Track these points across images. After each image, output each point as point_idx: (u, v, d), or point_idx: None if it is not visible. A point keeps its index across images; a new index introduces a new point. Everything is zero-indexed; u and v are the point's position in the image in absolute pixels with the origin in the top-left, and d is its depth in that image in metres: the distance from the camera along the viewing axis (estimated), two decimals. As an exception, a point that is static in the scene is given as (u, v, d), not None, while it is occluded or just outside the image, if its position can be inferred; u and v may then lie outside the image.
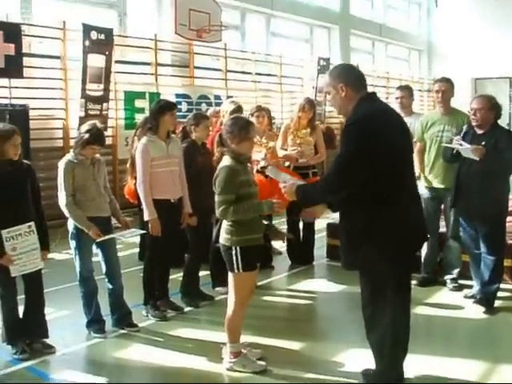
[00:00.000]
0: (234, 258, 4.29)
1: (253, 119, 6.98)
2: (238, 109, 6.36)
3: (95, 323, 5.04)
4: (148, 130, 5.39)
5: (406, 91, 6.92)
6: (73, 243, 4.94)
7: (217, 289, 6.20)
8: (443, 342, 5.06)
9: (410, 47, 22.21)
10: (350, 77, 3.72)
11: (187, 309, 5.72)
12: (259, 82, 14.48)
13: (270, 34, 15.58)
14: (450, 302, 6.00)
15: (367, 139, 3.47)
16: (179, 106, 11.27)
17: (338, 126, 16.73)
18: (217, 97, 12.65)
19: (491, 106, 5.55)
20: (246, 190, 4.23)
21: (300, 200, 3.87)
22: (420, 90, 22.01)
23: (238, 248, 4.28)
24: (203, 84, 12.75)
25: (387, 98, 20.12)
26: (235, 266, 4.31)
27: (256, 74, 14.36)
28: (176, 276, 6.06)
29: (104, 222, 4.96)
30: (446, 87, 6.27)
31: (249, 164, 4.55)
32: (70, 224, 4.92)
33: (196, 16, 11.66)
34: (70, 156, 4.94)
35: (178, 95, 11.70)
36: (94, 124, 4.94)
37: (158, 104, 5.45)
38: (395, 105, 6.91)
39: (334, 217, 8.54)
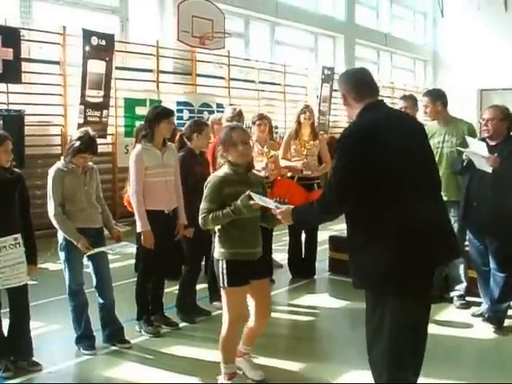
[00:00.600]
0: (220, 271, 4.06)
1: (254, 128, 6.81)
2: (238, 115, 6.14)
3: (85, 339, 4.81)
4: (143, 138, 5.18)
5: (410, 101, 6.68)
6: (62, 255, 4.72)
7: (214, 303, 5.97)
8: (450, 363, 4.79)
9: (416, 57, 22.05)
10: (349, 84, 3.44)
11: (182, 324, 5.48)
12: (262, 90, 14.32)
13: (274, 42, 15.42)
14: (457, 320, 5.75)
15: (360, 155, 3.16)
16: (181, 114, 11.12)
17: (341, 135, 16.55)
18: (219, 105, 12.48)
19: (504, 117, 5.33)
20: (231, 203, 3.96)
21: (296, 224, 3.69)
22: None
23: (224, 261, 4.05)
24: (205, 92, 12.59)
25: (392, 109, 20.00)
26: (221, 280, 4.08)
27: (259, 82, 14.21)
28: (171, 289, 5.85)
29: (94, 233, 4.75)
30: (426, 101, 6.08)
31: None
32: (60, 235, 4.71)
33: (199, 23, 11.51)
34: (60, 164, 4.72)
35: (179, 103, 11.53)
36: (86, 131, 4.73)
37: (154, 111, 5.23)
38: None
39: (337, 229, 8.51)
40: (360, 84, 3.42)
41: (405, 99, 6.71)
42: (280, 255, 7.69)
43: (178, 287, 5.75)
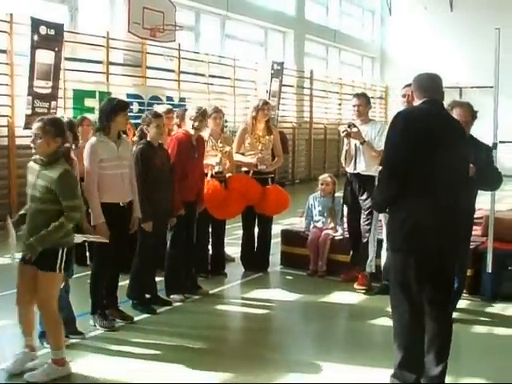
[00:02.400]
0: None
1: (210, 121, 6.78)
2: (202, 114, 6.11)
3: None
4: (98, 130, 5.11)
5: (363, 99, 6.79)
6: None
7: (171, 296, 5.95)
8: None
9: (363, 54, 22.36)
10: (415, 86, 4.01)
11: (137, 318, 5.43)
12: (212, 84, 14.29)
13: (225, 36, 15.39)
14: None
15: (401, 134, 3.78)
16: (130, 107, 10.97)
17: (290, 130, 16.69)
18: (169, 98, 12.41)
19: (472, 117, 5.39)
20: None
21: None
22: (372, 97, 22.13)
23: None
24: (155, 85, 12.48)
25: (340, 104, 20.24)
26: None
27: (209, 76, 14.17)
28: (125, 283, 5.79)
29: None
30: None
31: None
32: None
33: (150, 15, 11.38)
34: None
35: (129, 95, 11.38)
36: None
37: (110, 103, 5.16)
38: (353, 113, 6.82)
39: (288, 223, 8.58)
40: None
41: (358, 97, 6.80)
42: (232, 249, 7.71)
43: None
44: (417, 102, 3.95)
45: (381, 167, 3.95)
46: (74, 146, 5.00)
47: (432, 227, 3.70)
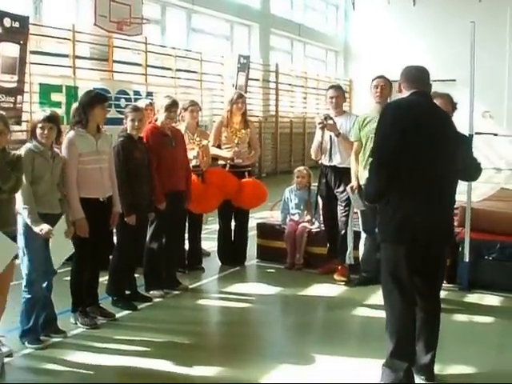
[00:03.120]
0: None
1: (186, 114, 6.72)
2: (174, 103, 6.04)
3: (31, 333, 4.60)
4: (76, 124, 5.00)
5: (340, 91, 6.80)
6: (21, 240, 4.47)
7: (151, 292, 5.88)
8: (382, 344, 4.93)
9: (327, 48, 22.45)
10: (405, 77, 4.03)
11: (119, 314, 5.35)
12: (179, 78, 14.17)
13: (191, 29, 15.26)
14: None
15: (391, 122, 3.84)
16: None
17: (256, 124, 16.65)
18: (136, 92, 12.21)
19: (453, 107, 5.45)
20: None
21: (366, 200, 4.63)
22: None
23: None
24: (122, 79, 12.29)
25: (305, 98, 20.29)
26: None
27: (176, 69, 14.04)
28: (104, 279, 5.69)
29: (53, 220, 4.57)
30: (386, 84, 6.24)
31: None
32: (20, 219, 4.45)
33: (116, 7, 11.18)
34: (31, 145, 4.57)
35: (96, 89, 11.15)
36: (51, 111, 4.74)
37: (87, 95, 5.06)
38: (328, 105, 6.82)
39: (260, 217, 8.55)
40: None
41: (335, 89, 6.81)
42: (208, 243, 7.64)
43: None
44: (405, 94, 3.96)
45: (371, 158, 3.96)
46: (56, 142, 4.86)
47: (422, 220, 3.73)
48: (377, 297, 6.08)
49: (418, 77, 3.99)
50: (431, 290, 3.97)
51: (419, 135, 3.73)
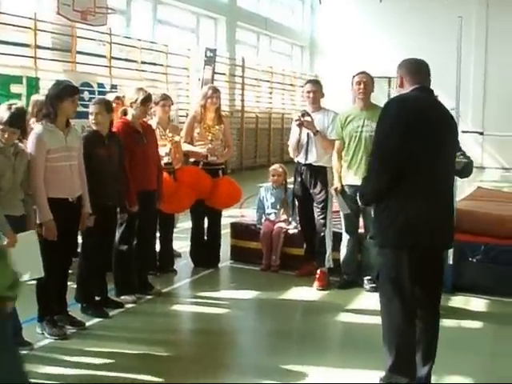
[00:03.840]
0: None
1: (157, 109, 6.39)
2: (149, 97, 5.70)
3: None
4: (44, 117, 4.63)
5: (318, 85, 6.54)
6: None
7: (122, 298, 5.53)
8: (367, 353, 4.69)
9: (293, 42, 22.23)
10: (407, 71, 3.78)
11: (89, 322, 4.99)
12: (145, 71, 13.75)
13: (157, 21, 14.84)
14: (372, 307, 5.68)
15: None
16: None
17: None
18: (100, 85, 11.78)
19: None
20: None
21: (361, 201, 4.07)
22: (302, 86, 22.05)
23: None
24: (86, 70, 11.83)
25: (271, 93, 20.04)
26: None
27: (141, 62, 13.63)
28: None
29: (15, 221, 4.23)
30: (368, 80, 6.01)
31: None
32: None
33: (81, -4, 10.72)
34: None
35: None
36: (13, 104, 4.30)
37: (57, 87, 4.67)
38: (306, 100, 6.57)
39: (233, 215, 8.26)
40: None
41: (313, 83, 6.56)
42: (179, 243, 7.29)
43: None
44: (406, 89, 3.70)
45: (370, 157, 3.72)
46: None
47: (426, 223, 3.49)
48: (359, 301, 5.91)
49: (421, 70, 3.75)
50: (432, 299, 3.73)
51: (426, 134, 3.49)
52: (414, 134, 3.46)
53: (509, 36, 19.03)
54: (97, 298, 5.30)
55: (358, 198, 3.93)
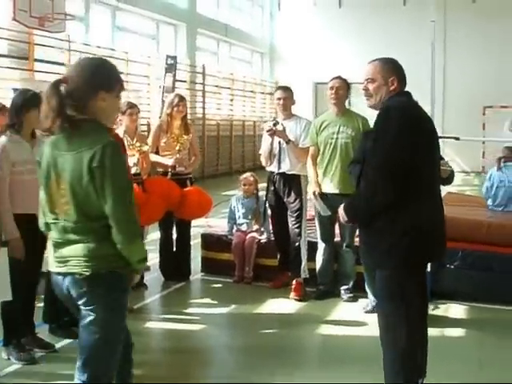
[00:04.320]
0: None
1: (124, 118, 6.15)
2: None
3: None
4: (8, 128, 4.36)
5: (289, 92, 6.40)
6: None
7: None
8: (350, 365, 4.54)
9: (253, 49, 22.14)
10: (402, 74, 3.51)
11: (59, 344, 4.71)
12: (104, 78, 13.42)
13: (116, 27, 14.54)
14: (351, 317, 5.57)
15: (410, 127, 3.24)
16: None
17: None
18: (60, 93, 11.41)
19: None
20: None
21: (349, 217, 3.51)
22: (263, 93, 22.01)
23: None
24: (44, 79, 11.43)
25: (232, 100, 19.87)
26: None
27: (102, 70, 13.28)
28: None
29: None
30: (342, 85, 5.90)
31: None
32: None
33: (38, 2, 10.34)
34: None
35: (15, 90, 10.33)
36: None
37: (22, 96, 4.42)
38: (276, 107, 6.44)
39: (199, 224, 8.04)
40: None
41: (284, 90, 6.40)
42: (148, 255, 7.02)
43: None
44: (392, 93, 3.43)
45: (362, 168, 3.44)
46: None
47: (438, 236, 3.32)
48: (337, 311, 5.78)
49: (404, 74, 3.54)
50: (426, 311, 3.58)
51: (429, 142, 3.34)
52: (422, 142, 3.27)
53: (466, 40, 19.28)
54: (66, 319, 5.01)
55: (341, 212, 3.46)
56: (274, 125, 6.10)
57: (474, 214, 6.68)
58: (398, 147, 3.17)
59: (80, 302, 2.83)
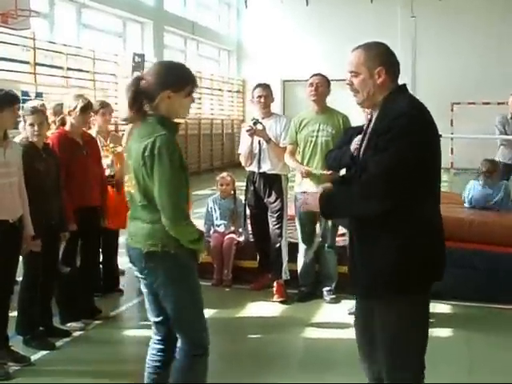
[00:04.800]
0: None
1: (97, 117, 5.93)
2: (89, 105, 5.25)
3: None
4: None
5: (268, 89, 6.23)
6: None
7: (69, 325, 5.04)
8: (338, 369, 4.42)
9: (220, 47, 21.91)
10: (391, 61, 2.91)
11: (35, 357, 4.47)
12: (71, 77, 13.13)
13: (82, 25, 14.20)
14: (335, 319, 5.45)
15: (427, 133, 2.78)
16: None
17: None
18: (24, 93, 11.07)
19: None
20: None
21: (323, 209, 2.90)
22: (230, 91, 21.82)
23: None
24: (8, 77, 11.12)
25: (200, 99, 19.63)
26: None
27: (68, 69, 12.98)
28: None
29: None
30: (322, 81, 5.76)
31: None
32: None
33: (1, -2, 10.02)
34: None
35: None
36: None
37: (-7, 95, 4.19)
38: (256, 105, 6.25)
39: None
40: (397, 63, 2.97)
41: (263, 87, 6.22)
42: (120, 258, 6.78)
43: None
44: (388, 88, 2.86)
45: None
46: None
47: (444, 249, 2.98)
48: (321, 313, 5.66)
49: (398, 62, 2.97)
50: None
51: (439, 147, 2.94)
52: (438, 153, 2.87)
53: (434, 37, 19.33)
54: (41, 328, 4.79)
55: (313, 201, 2.91)
56: (254, 124, 5.93)
57: (454, 212, 6.62)
58: (419, 149, 2.73)
59: (142, 276, 3.21)
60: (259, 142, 5.98)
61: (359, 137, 3.17)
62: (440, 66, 19.14)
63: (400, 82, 2.96)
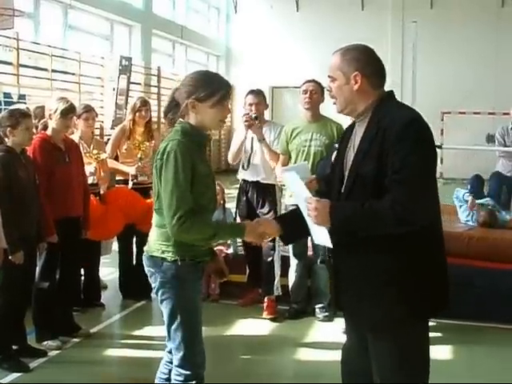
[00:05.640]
0: None
1: (80, 122, 5.65)
2: (72, 108, 4.96)
3: None
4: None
5: (261, 96, 5.96)
6: None
7: (44, 343, 4.73)
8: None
9: (209, 52, 21.68)
10: (370, 65, 2.67)
11: (7, 380, 4.17)
12: (55, 80, 12.80)
13: (68, 26, 13.88)
14: (328, 339, 5.17)
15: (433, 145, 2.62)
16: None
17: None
18: (7, 94, 10.79)
19: None
20: None
21: (338, 226, 2.56)
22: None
23: None
24: (-9, 78, 10.82)
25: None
26: None
27: (52, 70, 12.65)
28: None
29: None
30: (317, 89, 5.50)
31: None
32: None
33: (-17, -3, 9.71)
34: None
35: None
36: None
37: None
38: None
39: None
40: (381, 68, 2.73)
41: (255, 94, 5.91)
42: (103, 269, 6.47)
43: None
44: (371, 94, 2.65)
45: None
46: None
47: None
48: (314, 332, 5.41)
49: (382, 66, 2.73)
50: None
51: None
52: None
53: (424, 46, 19.17)
54: (14, 347, 4.48)
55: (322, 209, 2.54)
56: (255, 118, 5.66)
57: (451, 227, 6.38)
58: (429, 160, 2.59)
59: (150, 279, 3.23)
60: (252, 140, 5.73)
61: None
62: (430, 74, 19.01)
63: (388, 89, 2.75)
